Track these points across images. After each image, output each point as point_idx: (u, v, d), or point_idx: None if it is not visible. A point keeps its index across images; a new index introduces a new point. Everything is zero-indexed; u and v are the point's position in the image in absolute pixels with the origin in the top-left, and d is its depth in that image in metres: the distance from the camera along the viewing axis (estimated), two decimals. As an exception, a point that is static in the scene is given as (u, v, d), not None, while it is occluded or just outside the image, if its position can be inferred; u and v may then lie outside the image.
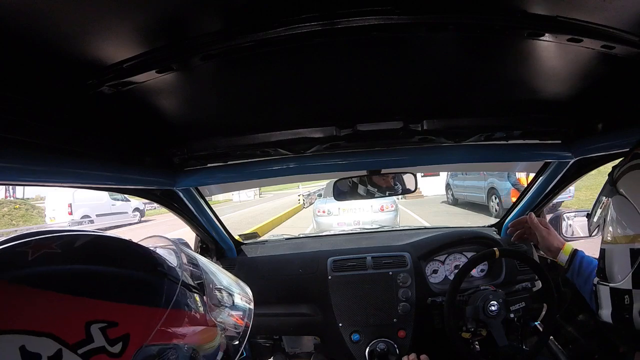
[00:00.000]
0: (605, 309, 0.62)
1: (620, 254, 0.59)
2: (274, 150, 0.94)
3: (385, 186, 1.25)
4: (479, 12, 0.48)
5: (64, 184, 0.68)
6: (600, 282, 0.64)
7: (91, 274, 0.43)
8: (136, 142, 0.85)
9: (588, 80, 0.71)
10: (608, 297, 0.61)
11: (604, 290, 0.62)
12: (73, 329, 0.37)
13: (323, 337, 1.36)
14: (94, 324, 0.38)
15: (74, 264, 0.42)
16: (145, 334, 0.42)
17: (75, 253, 0.44)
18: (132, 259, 0.48)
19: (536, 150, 1.04)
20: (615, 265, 0.60)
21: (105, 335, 0.38)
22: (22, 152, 0.56)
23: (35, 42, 0.44)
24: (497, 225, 1.63)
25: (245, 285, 0.71)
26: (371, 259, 1.36)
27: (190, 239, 1.56)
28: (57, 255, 0.42)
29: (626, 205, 0.58)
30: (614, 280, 0.60)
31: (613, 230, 0.61)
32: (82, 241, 0.45)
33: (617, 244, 0.60)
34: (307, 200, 16.09)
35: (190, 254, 0.59)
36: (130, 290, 0.44)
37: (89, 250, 0.45)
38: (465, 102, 0.82)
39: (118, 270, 0.45)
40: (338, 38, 0.50)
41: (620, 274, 0.58)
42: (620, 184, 0.61)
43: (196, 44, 0.49)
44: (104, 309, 0.40)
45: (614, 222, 0.61)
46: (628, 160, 0.61)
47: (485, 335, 1.14)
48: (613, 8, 0.47)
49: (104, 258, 0.45)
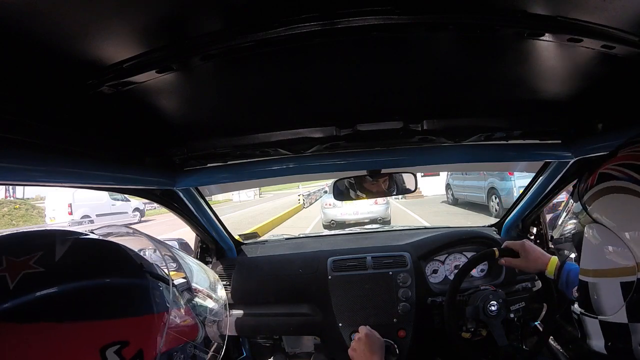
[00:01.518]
0: (596, 339, 0.58)
1: (608, 288, 0.55)
2: (274, 150, 0.94)
3: (375, 191, 1.26)
4: (479, 12, 0.48)
5: (64, 184, 0.68)
6: (585, 313, 0.60)
7: (85, 291, 0.38)
8: (136, 142, 0.85)
9: (588, 80, 0.71)
10: (598, 329, 0.57)
11: (592, 322, 0.58)
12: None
13: (323, 337, 1.36)
14: (108, 348, 0.35)
15: (61, 283, 0.37)
16: (154, 344, 0.40)
17: (60, 269, 0.39)
18: (117, 265, 0.44)
19: (536, 150, 1.04)
20: (603, 299, 0.56)
21: (121, 358, 0.36)
22: (22, 152, 0.56)
23: (35, 42, 0.44)
24: (497, 225, 1.63)
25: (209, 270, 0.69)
26: (371, 258, 1.36)
27: (190, 239, 1.56)
28: (40, 277, 0.36)
29: (606, 235, 0.54)
30: (604, 314, 0.56)
31: (593, 263, 0.57)
32: (61, 252, 0.39)
33: (602, 277, 0.55)
34: (307, 200, 16.31)
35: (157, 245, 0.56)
36: (129, 301, 0.41)
37: (73, 263, 0.40)
38: (465, 102, 0.82)
39: (109, 282, 0.41)
40: (338, 38, 0.50)
41: (611, 308, 0.55)
42: (594, 210, 0.56)
43: (196, 44, 0.49)
44: (111, 329, 0.37)
45: (594, 254, 0.56)
46: (594, 182, 0.57)
47: (485, 335, 1.14)
48: (613, 8, 0.47)
49: (91, 269, 0.41)
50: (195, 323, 0.51)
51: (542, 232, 1.46)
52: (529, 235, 1.49)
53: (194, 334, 0.50)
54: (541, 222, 1.45)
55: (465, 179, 9.83)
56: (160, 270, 0.48)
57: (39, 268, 0.37)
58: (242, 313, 1.40)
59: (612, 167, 0.55)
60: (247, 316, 1.40)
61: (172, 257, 0.56)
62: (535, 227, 1.47)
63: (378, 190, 1.27)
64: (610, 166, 0.56)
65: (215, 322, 0.57)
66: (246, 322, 1.40)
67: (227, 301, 0.62)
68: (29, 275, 0.36)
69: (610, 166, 0.56)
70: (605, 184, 0.55)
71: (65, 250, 0.40)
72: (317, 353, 1.46)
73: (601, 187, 0.56)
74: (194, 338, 0.50)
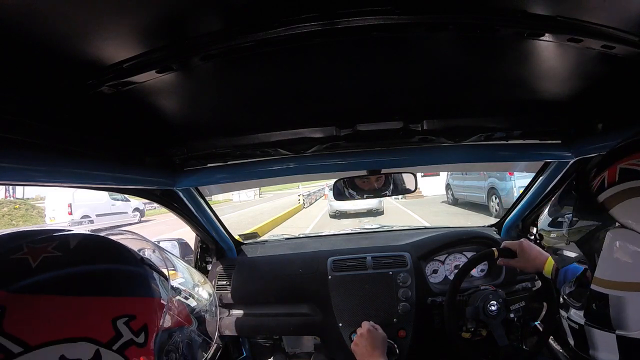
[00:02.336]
0: (607, 354, 0.53)
1: (638, 303, 0.48)
2: (274, 150, 0.94)
3: (376, 186, 1.25)
4: (479, 12, 0.48)
5: (64, 184, 0.68)
6: (594, 326, 0.55)
7: (101, 273, 0.44)
8: (136, 142, 0.85)
9: (588, 80, 0.71)
10: (613, 344, 0.52)
11: (605, 336, 0.53)
12: (103, 328, 0.39)
13: (323, 337, 1.36)
14: (119, 319, 0.41)
15: (79, 265, 0.43)
16: (157, 321, 0.45)
17: (75, 254, 0.44)
18: (123, 256, 0.49)
19: (536, 150, 1.04)
20: (629, 313, 0.49)
21: (130, 328, 0.41)
22: (22, 152, 0.56)
23: (35, 42, 0.43)
24: (497, 225, 1.63)
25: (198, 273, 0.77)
26: (371, 258, 1.36)
27: (190, 239, 1.56)
28: (59, 259, 0.42)
29: (638, 242, 0.47)
30: (626, 330, 0.50)
31: (621, 274, 0.50)
32: (74, 242, 0.46)
33: (632, 291, 0.49)
34: (307, 200, 16.25)
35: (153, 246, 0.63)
36: (134, 284, 0.46)
37: (87, 250, 0.46)
38: (465, 102, 0.82)
39: (119, 267, 0.47)
40: (338, 38, 0.50)
41: (637, 324, 0.49)
42: (620, 214, 0.49)
43: (196, 44, 0.49)
44: (122, 305, 0.42)
45: (622, 264, 0.49)
46: (616, 179, 0.50)
47: (485, 335, 1.14)
48: (613, 8, 0.47)
49: (101, 256, 0.47)
50: (188, 315, 0.57)
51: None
52: (528, 235, 1.50)
53: (189, 322, 0.57)
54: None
55: (465, 179, 9.82)
56: (157, 267, 0.53)
57: (56, 252, 0.42)
58: (242, 313, 1.40)
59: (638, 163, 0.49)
60: (247, 316, 1.40)
61: (168, 259, 0.63)
62: (535, 227, 1.47)
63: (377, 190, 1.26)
64: (636, 162, 0.49)
65: (205, 321, 0.65)
66: (246, 322, 1.40)
67: (217, 306, 0.71)
68: (48, 257, 0.41)
69: (635, 162, 0.49)
70: (633, 182, 0.48)
71: (78, 241, 0.46)
72: (317, 353, 1.46)
73: (629, 187, 0.48)
74: (189, 324, 0.56)
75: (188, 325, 0.55)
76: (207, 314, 0.64)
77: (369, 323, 1.05)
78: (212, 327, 0.64)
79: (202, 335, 0.59)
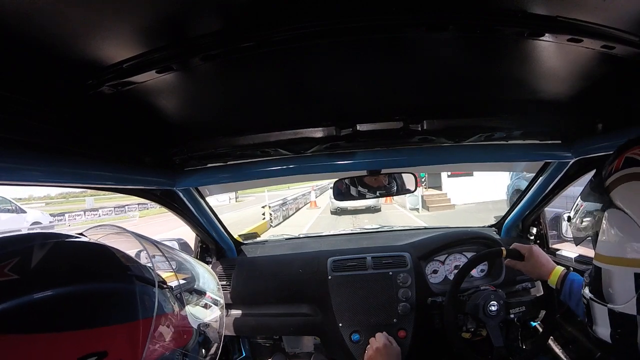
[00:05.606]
0: (602, 327, 0.58)
1: (621, 277, 0.53)
2: (274, 150, 0.94)
3: (376, 186, 1.25)
4: (479, 12, 0.48)
5: (64, 184, 0.68)
6: (595, 299, 0.59)
7: (59, 300, 0.36)
8: (136, 142, 0.85)
9: (588, 81, 0.71)
10: (606, 317, 0.57)
11: (601, 309, 0.58)
12: None
13: (323, 337, 1.36)
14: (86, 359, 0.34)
15: (35, 291, 0.35)
16: (136, 353, 0.38)
17: (37, 276, 0.37)
18: (98, 270, 0.42)
19: (536, 150, 1.04)
20: (615, 287, 0.55)
21: None
22: (22, 152, 0.56)
23: (35, 42, 0.43)
24: (497, 225, 1.63)
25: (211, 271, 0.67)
26: (371, 259, 1.36)
27: (190, 239, 1.56)
28: (13, 285, 0.34)
29: (627, 223, 0.52)
30: (613, 302, 0.55)
31: (611, 250, 0.55)
32: (38, 256, 0.38)
33: (617, 265, 0.54)
34: (281, 212, 11.19)
35: (153, 243, 0.54)
36: (113, 307, 0.39)
37: (53, 268, 0.38)
38: (465, 102, 0.82)
39: (94, 287, 0.39)
40: (338, 38, 0.50)
41: (621, 298, 0.54)
42: (617, 195, 0.54)
43: (196, 44, 0.49)
44: (89, 339, 0.35)
45: (612, 241, 0.55)
46: (620, 166, 0.54)
47: (485, 336, 1.13)
48: (613, 8, 0.47)
49: (71, 275, 0.39)
50: (187, 328, 0.49)
51: (542, 232, 1.45)
52: (528, 236, 1.50)
53: (185, 339, 0.48)
54: (541, 222, 1.45)
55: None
56: (150, 273, 0.45)
57: (13, 275, 0.35)
58: (242, 313, 1.40)
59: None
60: (247, 316, 1.40)
61: (167, 258, 0.54)
62: (535, 227, 1.47)
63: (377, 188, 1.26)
64: (638, 151, 0.54)
65: (211, 325, 0.56)
66: (246, 322, 1.40)
67: (223, 302, 0.61)
68: (2, 283, 0.34)
69: (639, 151, 0.54)
70: (631, 169, 0.53)
71: (42, 255, 0.38)
72: (317, 353, 1.46)
73: (626, 172, 0.53)
74: (184, 344, 0.48)
75: (184, 343, 0.47)
76: (211, 325, 0.56)
77: (384, 336, 1.03)
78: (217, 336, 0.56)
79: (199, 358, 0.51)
